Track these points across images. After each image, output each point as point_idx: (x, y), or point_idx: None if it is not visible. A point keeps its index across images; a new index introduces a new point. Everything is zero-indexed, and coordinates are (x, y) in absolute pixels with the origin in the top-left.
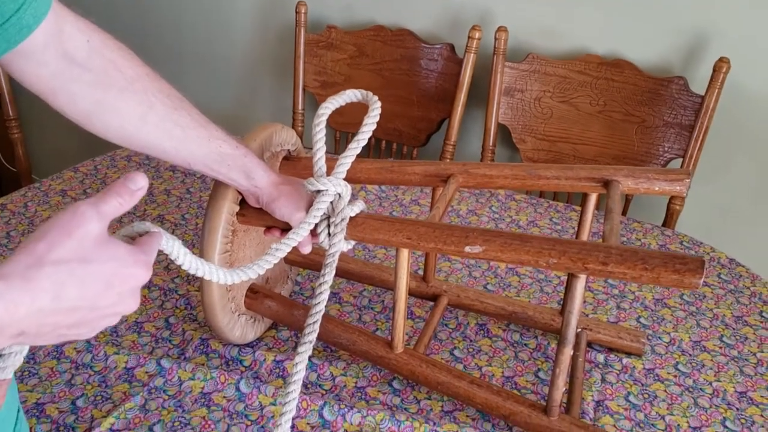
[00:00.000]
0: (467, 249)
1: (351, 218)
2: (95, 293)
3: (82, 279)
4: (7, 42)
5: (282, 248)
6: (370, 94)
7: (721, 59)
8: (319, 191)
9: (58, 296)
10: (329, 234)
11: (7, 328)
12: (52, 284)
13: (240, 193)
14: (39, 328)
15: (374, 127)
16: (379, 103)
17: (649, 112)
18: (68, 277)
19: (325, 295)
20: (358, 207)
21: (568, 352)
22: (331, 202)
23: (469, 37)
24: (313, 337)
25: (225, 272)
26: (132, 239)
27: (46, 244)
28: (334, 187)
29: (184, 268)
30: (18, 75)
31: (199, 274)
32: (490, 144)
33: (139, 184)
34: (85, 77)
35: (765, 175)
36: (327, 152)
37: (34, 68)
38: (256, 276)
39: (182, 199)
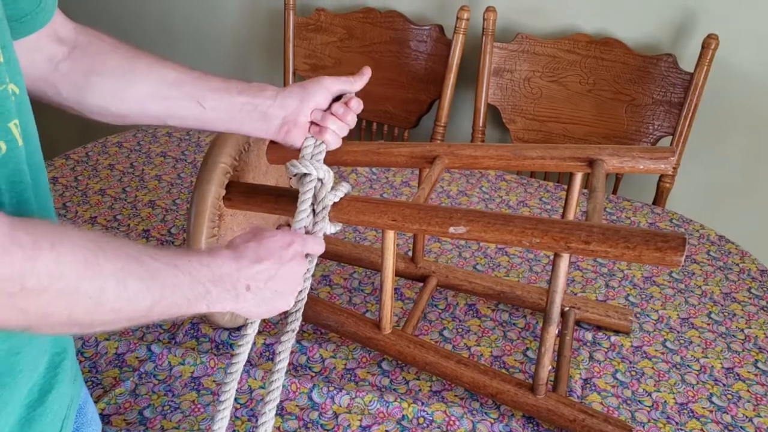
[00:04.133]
0: (451, 230)
1: (336, 202)
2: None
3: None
4: (28, 29)
5: None
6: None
7: (709, 36)
8: (304, 175)
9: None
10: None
11: (241, 280)
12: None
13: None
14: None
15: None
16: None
17: (638, 90)
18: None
19: (307, 283)
20: (343, 190)
21: (553, 330)
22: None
23: (457, 18)
24: (296, 325)
25: None
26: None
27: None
28: (316, 171)
29: None
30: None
31: None
32: (480, 125)
33: None
34: (75, 54)
35: (754, 151)
36: None
37: (30, 54)
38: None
39: (173, 185)
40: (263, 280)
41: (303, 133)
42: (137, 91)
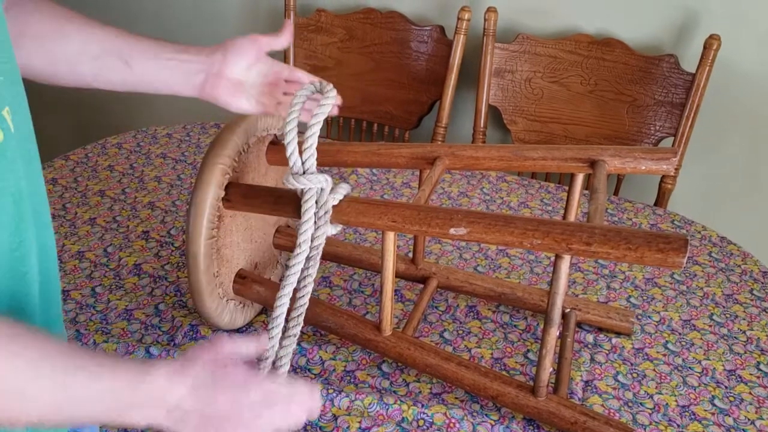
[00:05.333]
0: (452, 231)
1: (335, 205)
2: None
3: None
4: None
5: (291, 275)
6: (324, 82)
7: (711, 36)
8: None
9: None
10: (315, 227)
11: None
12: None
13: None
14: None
15: (325, 115)
16: (333, 92)
17: (640, 90)
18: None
19: (309, 288)
20: (342, 191)
21: (554, 332)
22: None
23: (458, 19)
24: (297, 330)
25: None
26: None
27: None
28: (313, 183)
29: None
30: None
31: None
32: (481, 126)
33: None
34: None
35: (756, 152)
36: (320, 137)
37: None
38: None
39: (173, 186)
40: None
41: (231, 89)
42: (66, 51)
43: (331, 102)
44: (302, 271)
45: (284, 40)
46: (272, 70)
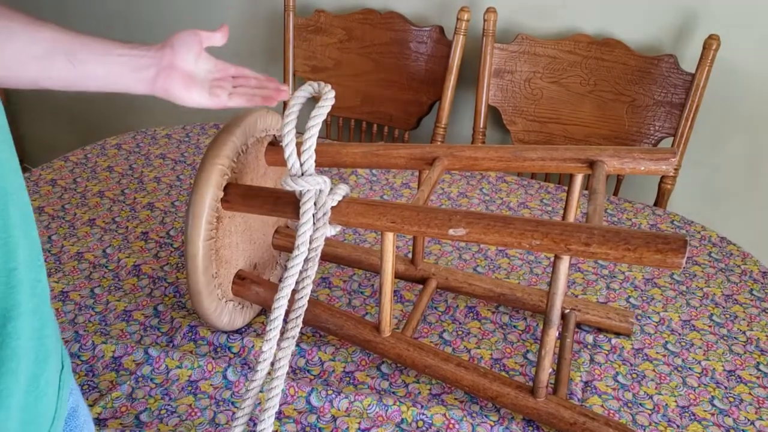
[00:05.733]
0: (451, 232)
1: (334, 205)
2: None
3: None
4: None
5: (290, 276)
6: (322, 84)
7: (710, 36)
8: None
9: None
10: (313, 228)
11: None
12: None
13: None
14: None
15: (323, 117)
16: (332, 93)
17: (639, 91)
18: None
19: (308, 290)
20: (341, 192)
21: (553, 333)
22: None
23: (458, 19)
24: (296, 332)
25: None
26: None
27: None
28: (311, 185)
29: None
30: None
31: None
32: (481, 126)
33: None
34: None
35: (756, 152)
36: (319, 137)
37: None
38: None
39: (172, 187)
40: None
41: (184, 82)
42: (10, 51)
43: (329, 103)
44: (301, 272)
45: (221, 37)
46: (217, 67)
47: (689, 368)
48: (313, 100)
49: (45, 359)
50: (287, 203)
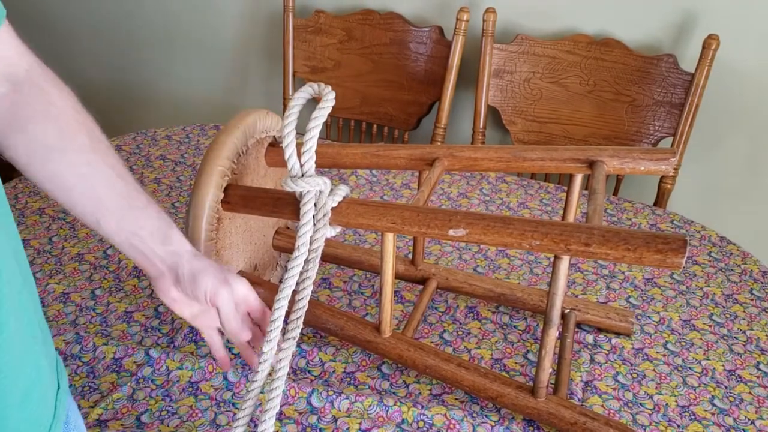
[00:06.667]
0: (451, 232)
1: (334, 207)
2: None
3: None
4: None
5: (290, 277)
6: (323, 85)
7: (710, 36)
8: (300, 193)
9: None
10: (314, 229)
11: None
12: None
13: (146, 273)
14: None
15: (324, 118)
16: (332, 95)
17: (638, 91)
18: None
19: (308, 291)
20: (341, 193)
21: (553, 333)
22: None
23: (457, 20)
24: (297, 333)
25: None
26: None
27: None
28: (311, 186)
29: None
30: None
31: None
32: (480, 126)
33: None
34: (13, 99)
35: (756, 152)
36: (319, 138)
37: None
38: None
39: (172, 188)
40: None
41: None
42: (57, 170)
43: (330, 105)
44: (301, 273)
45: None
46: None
47: (689, 368)
48: (314, 101)
49: (37, 377)
50: (287, 204)
